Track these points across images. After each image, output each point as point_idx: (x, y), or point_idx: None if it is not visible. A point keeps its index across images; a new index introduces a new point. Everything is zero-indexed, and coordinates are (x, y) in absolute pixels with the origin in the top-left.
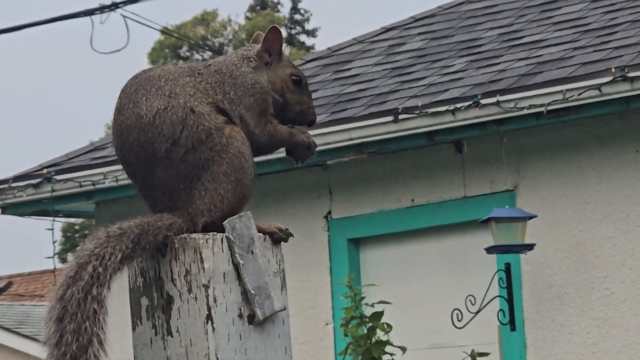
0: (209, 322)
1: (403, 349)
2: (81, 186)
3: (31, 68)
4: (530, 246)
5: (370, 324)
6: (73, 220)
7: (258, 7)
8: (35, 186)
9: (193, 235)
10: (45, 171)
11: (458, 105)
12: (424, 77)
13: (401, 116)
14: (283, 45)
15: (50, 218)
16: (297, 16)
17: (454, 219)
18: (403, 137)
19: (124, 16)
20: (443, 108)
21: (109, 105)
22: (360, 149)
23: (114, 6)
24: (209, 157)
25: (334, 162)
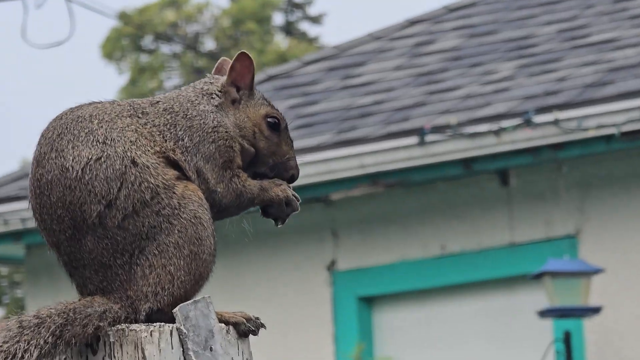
0: None
1: None
2: (6, 223)
3: None
4: (596, 309)
5: None
6: None
7: None
8: None
9: (133, 326)
10: None
11: (503, 123)
12: (459, 87)
13: (428, 137)
14: (255, 77)
15: None
16: None
17: (497, 273)
18: (431, 165)
19: None
20: (484, 127)
21: (48, 114)
22: (374, 180)
23: None
24: (155, 224)
25: (340, 197)
